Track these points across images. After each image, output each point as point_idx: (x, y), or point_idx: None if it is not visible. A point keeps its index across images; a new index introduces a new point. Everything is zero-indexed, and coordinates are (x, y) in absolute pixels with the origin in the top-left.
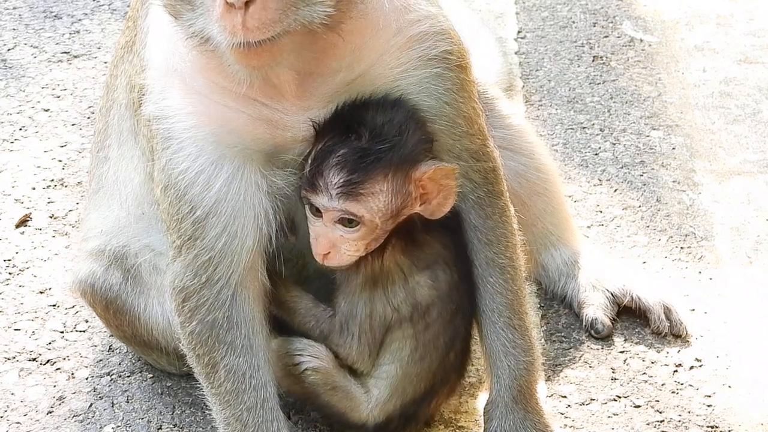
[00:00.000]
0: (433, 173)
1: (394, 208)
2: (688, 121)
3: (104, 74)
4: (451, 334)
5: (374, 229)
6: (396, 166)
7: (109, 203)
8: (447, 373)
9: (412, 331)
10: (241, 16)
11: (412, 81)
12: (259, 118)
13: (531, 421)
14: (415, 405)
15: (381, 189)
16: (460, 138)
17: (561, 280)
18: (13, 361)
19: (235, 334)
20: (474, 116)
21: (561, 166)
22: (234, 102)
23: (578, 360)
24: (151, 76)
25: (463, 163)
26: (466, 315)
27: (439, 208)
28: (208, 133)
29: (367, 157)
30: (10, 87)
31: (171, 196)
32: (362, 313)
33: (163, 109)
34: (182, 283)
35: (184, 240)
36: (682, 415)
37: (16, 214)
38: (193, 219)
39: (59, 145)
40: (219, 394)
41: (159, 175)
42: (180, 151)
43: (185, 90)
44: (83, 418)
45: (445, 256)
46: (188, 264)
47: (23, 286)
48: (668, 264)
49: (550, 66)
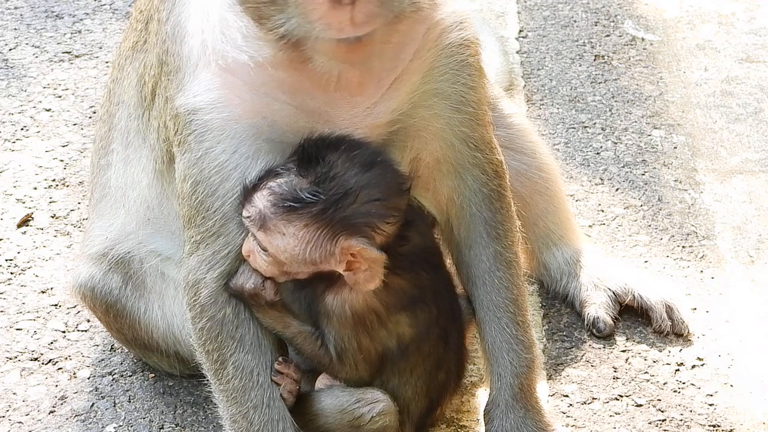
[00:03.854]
0: (359, 251)
1: (307, 257)
2: (689, 120)
3: (105, 74)
4: (436, 360)
5: (281, 265)
6: (323, 223)
7: (115, 210)
8: (442, 390)
9: (404, 365)
10: (349, 12)
11: (443, 70)
12: (304, 110)
13: (532, 419)
14: (422, 418)
15: (294, 234)
16: (479, 126)
17: (563, 280)
18: (15, 360)
19: (245, 331)
20: (488, 106)
21: (562, 165)
22: (283, 94)
23: (580, 359)
24: (189, 69)
25: (479, 154)
26: (454, 337)
27: (363, 284)
28: (247, 126)
29: (295, 200)
30: (12, 87)
31: (201, 192)
32: (351, 346)
33: (202, 102)
34: (196, 277)
35: (205, 236)
36: (684, 414)
37: (17, 214)
38: (222, 215)
39: (61, 145)
40: (226, 391)
41: (189, 170)
42: (218, 145)
43: (230, 83)
44: (85, 418)
45: (423, 296)
46: (204, 259)
47: (25, 285)
48: (670, 263)
49: (552, 65)
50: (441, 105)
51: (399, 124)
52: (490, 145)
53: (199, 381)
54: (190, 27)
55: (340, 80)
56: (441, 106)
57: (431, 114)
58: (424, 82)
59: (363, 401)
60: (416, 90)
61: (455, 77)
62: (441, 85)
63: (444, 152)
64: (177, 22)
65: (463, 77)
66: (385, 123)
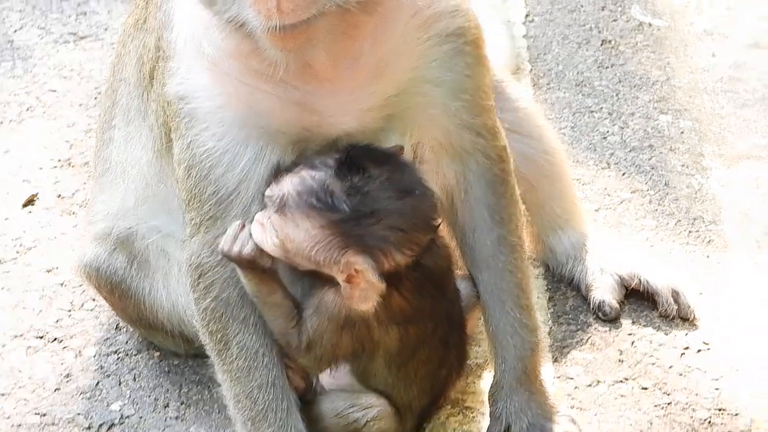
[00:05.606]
0: (362, 271)
1: (312, 256)
2: (696, 105)
3: (110, 55)
4: (438, 361)
5: (285, 251)
6: (338, 232)
7: (115, 185)
8: (445, 384)
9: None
10: (275, 0)
11: (433, 58)
12: (289, 100)
13: (536, 402)
14: (425, 410)
15: (308, 230)
16: (480, 114)
17: (568, 263)
18: (21, 338)
19: (249, 312)
20: (490, 92)
21: (569, 149)
22: (265, 85)
23: (585, 342)
24: (178, 57)
25: (481, 140)
26: (454, 336)
27: (356, 301)
28: (235, 115)
29: (322, 200)
30: (17, 68)
31: (194, 176)
32: (329, 342)
33: (189, 89)
34: (198, 260)
35: (204, 219)
36: (690, 398)
37: (23, 194)
38: (217, 199)
39: (66, 126)
40: (230, 371)
41: (182, 154)
42: (205, 131)
43: (214, 72)
44: (90, 396)
45: (420, 317)
46: (206, 241)
47: (30, 265)
48: (676, 248)
49: (559, 50)
50: (435, 92)
51: (390, 110)
52: (493, 131)
53: (204, 361)
54: (176, 16)
55: (290, 68)
56: (435, 93)
57: (426, 101)
58: (412, 69)
59: (357, 406)
60: (403, 77)
61: (449, 65)
62: (432, 72)
63: (445, 138)
64: (167, 9)
65: (458, 65)
66: (374, 108)
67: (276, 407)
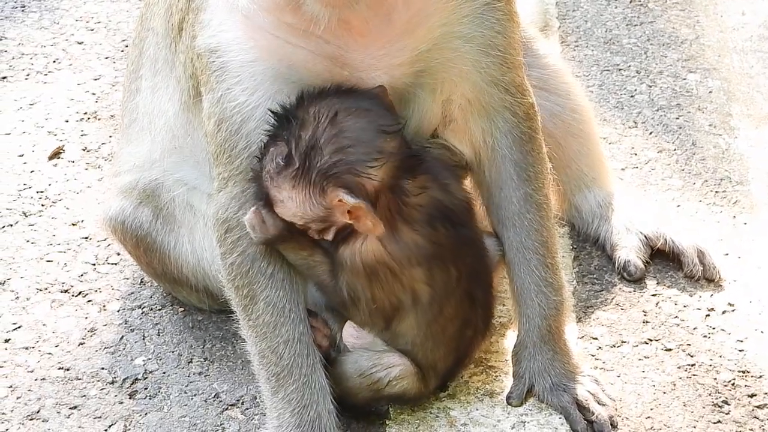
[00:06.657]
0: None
1: (310, 214)
2: (725, 64)
3: (138, 8)
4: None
5: (297, 219)
6: (305, 181)
7: (142, 136)
8: (470, 345)
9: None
10: None
11: (464, 14)
12: (321, 54)
13: (560, 361)
14: (449, 371)
15: (289, 197)
16: (509, 70)
17: (594, 222)
18: (45, 292)
19: (276, 268)
20: (519, 49)
21: (596, 107)
22: (298, 39)
23: (610, 302)
24: (210, 9)
25: (509, 97)
26: (480, 294)
27: (370, 230)
28: (267, 68)
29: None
30: (44, 19)
31: (225, 130)
32: (364, 296)
33: (221, 43)
34: (226, 215)
35: (233, 173)
36: (714, 359)
37: (49, 147)
38: (249, 153)
39: (93, 78)
40: (256, 327)
41: (212, 108)
42: (237, 85)
43: (247, 25)
44: (114, 350)
45: (441, 254)
46: (234, 196)
47: (55, 218)
48: (702, 208)
49: (587, 6)
50: (466, 48)
51: (421, 65)
52: (521, 88)
53: (228, 316)
54: None
55: (330, 24)
56: (466, 49)
57: (456, 56)
58: (443, 24)
59: (380, 366)
60: (435, 31)
61: (480, 21)
62: (463, 28)
63: (474, 94)
64: None
65: (488, 21)
66: (405, 63)
67: (301, 363)
